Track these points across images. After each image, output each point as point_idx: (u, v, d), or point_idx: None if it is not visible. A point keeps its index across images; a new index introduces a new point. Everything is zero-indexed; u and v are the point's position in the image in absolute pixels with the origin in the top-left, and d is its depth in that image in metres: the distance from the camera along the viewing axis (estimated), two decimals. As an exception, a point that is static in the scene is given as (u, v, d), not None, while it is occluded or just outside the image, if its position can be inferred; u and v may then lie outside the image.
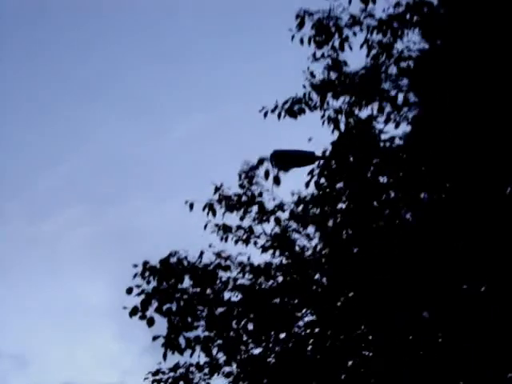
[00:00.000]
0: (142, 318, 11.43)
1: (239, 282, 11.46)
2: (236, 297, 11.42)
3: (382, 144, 12.24)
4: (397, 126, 12.35)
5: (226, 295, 11.57)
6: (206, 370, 11.51)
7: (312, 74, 13.39)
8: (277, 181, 11.57)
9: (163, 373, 11.86)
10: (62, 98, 27.16)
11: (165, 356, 11.39)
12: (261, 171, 11.86)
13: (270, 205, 11.78)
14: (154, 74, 26.68)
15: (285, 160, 11.72)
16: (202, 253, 11.35)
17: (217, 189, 12.27)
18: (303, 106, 13.26)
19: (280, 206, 11.73)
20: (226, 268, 11.21)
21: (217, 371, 11.46)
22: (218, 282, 11.29)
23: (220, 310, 11.28)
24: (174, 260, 11.37)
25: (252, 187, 11.75)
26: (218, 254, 11.45)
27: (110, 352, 21.31)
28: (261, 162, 11.37)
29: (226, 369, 11.62)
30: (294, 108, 13.08)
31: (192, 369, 11.58)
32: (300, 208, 11.90)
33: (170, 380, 11.54)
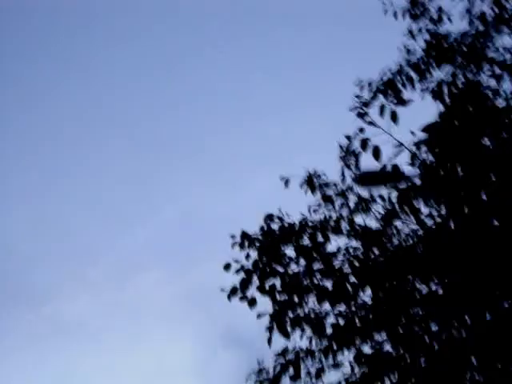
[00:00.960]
0: (243, 298, 10.10)
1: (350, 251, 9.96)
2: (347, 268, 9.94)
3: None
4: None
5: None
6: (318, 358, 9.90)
7: (408, 51, 12.43)
8: (394, 117, 10.12)
9: (268, 372, 10.30)
10: (140, 161, 27.11)
11: (269, 341, 9.94)
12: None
13: (385, 149, 10.08)
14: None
15: (372, 181, 10.60)
16: (305, 220, 9.98)
17: (310, 176, 10.78)
18: (400, 85, 12.17)
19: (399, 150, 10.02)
20: (337, 230, 9.74)
21: (330, 357, 9.85)
22: (325, 251, 9.88)
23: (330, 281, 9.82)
24: (274, 227, 10.06)
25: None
26: (326, 220, 10.00)
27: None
28: (375, 95, 10.02)
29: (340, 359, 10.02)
30: (392, 82, 11.98)
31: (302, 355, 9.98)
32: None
33: (277, 368, 9.95)
